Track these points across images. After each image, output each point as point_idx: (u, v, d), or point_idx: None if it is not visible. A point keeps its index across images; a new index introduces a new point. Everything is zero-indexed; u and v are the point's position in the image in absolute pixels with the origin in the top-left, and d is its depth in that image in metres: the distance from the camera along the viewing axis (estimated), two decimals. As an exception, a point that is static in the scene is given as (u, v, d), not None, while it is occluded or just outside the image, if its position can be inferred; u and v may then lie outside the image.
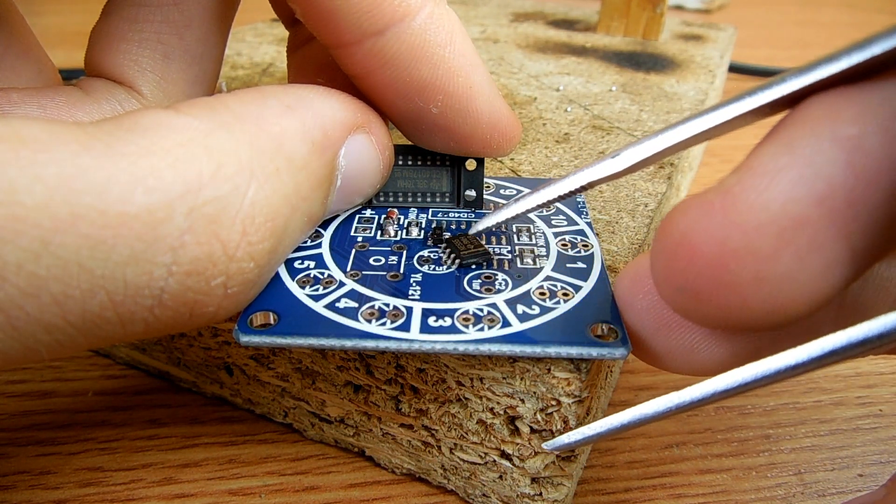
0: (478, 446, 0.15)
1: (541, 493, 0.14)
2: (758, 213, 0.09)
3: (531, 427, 0.14)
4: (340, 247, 0.15)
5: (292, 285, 0.13)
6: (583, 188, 0.12)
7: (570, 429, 0.13)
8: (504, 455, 0.15)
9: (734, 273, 0.09)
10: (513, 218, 0.14)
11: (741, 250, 0.09)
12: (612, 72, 0.31)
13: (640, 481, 0.17)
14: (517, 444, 0.14)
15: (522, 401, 0.13)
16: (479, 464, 0.15)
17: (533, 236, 0.16)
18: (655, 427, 0.18)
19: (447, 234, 0.15)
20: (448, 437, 0.15)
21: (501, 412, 0.14)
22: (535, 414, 0.13)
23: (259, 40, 0.34)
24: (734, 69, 0.46)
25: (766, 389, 0.20)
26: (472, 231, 0.15)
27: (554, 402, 0.13)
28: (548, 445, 0.13)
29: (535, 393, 0.13)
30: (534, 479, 0.14)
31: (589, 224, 0.16)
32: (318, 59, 0.17)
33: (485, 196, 0.17)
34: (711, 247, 0.10)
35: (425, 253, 0.15)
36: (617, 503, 0.16)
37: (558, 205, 0.17)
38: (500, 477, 0.15)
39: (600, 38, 0.37)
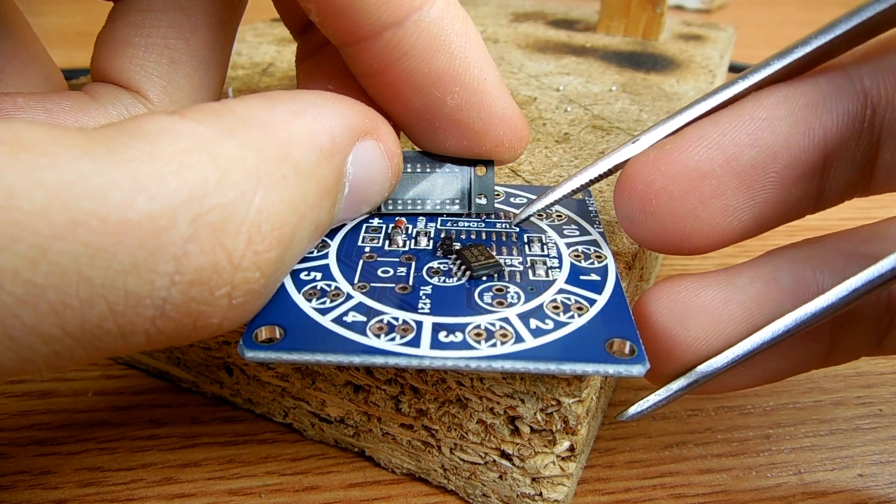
0: (478, 446, 0.15)
1: (541, 493, 0.14)
2: (677, 165, 0.13)
3: (531, 427, 0.14)
4: (348, 257, 0.14)
5: (298, 298, 0.13)
6: (609, 172, 0.15)
7: (571, 429, 0.13)
8: (504, 455, 0.15)
9: (655, 206, 0.13)
10: (554, 202, 0.15)
11: (661, 191, 0.13)
12: (612, 72, 0.31)
13: (640, 481, 0.17)
14: (517, 444, 0.14)
15: (522, 401, 0.13)
16: (480, 464, 0.15)
17: (545, 247, 0.15)
18: (655, 427, 0.18)
19: (457, 245, 0.15)
20: (448, 437, 0.15)
21: (501, 412, 0.14)
22: (535, 414, 0.13)
23: (259, 40, 0.34)
24: (734, 69, 0.46)
25: (767, 389, 0.20)
26: (517, 220, 0.16)
27: (554, 402, 0.13)
28: (626, 416, 0.14)
29: (535, 393, 0.13)
30: (534, 479, 0.14)
31: (602, 234, 0.16)
32: (328, 66, 0.16)
33: (495, 203, 0.17)
34: (643, 186, 0.13)
35: (434, 264, 0.14)
36: (617, 503, 0.16)
37: (570, 214, 0.17)
38: (501, 477, 0.15)
39: (600, 38, 0.37)
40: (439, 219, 0.16)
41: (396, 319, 0.12)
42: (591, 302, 0.13)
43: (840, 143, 0.13)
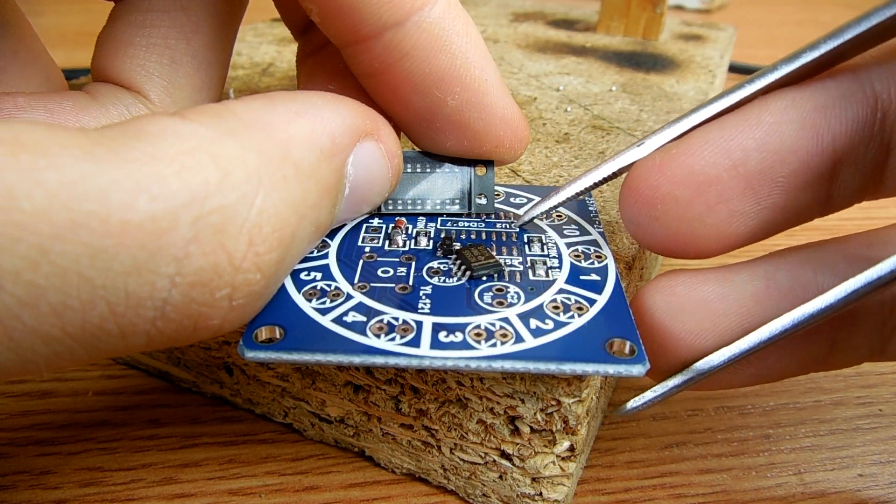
0: (478, 446, 0.15)
1: (541, 493, 0.14)
2: (683, 170, 0.13)
3: (531, 427, 0.14)
4: (348, 257, 0.14)
5: (298, 298, 0.13)
6: (613, 175, 0.15)
7: (571, 429, 0.13)
8: (504, 455, 0.15)
9: (661, 211, 0.13)
10: (558, 204, 0.15)
11: (667, 196, 0.13)
12: (612, 72, 0.31)
13: (640, 481, 0.17)
14: (517, 444, 0.14)
15: (522, 401, 0.13)
16: (480, 464, 0.15)
17: (545, 247, 0.15)
18: (655, 427, 0.18)
19: (457, 245, 0.15)
20: (448, 437, 0.15)
21: (501, 412, 0.14)
22: (535, 414, 0.13)
23: (259, 40, 0.34)
24: (734, 69, 0.46)
25: (767, 389, 0.20)
26: (520, 222, 0.16)
27: (554, 402, 0.13)
28: (622, 411, 0.14)
29: (535, 393, 0.13)
30: (534, 479, 0.14)
31: (602, 234, 0.16)
32: (329, 66, 0.16)
33: (495, 204, 0.17)
34: (648, 191, 0.13)
35: (434, 264, 0.14)
36: (617, 503, 0.16)
37: (570, 214, 0.17)
38: (501, 477, 0.15)
39: (600, 38, 0.37)
40: (439, 219, 0.16)
41: (396, 319, 0.12)
42: (591, 302, 0.13)
43: (849, 147, 0.13)
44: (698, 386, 0.14)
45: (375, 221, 0.16)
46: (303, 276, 0.14)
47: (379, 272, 0.14)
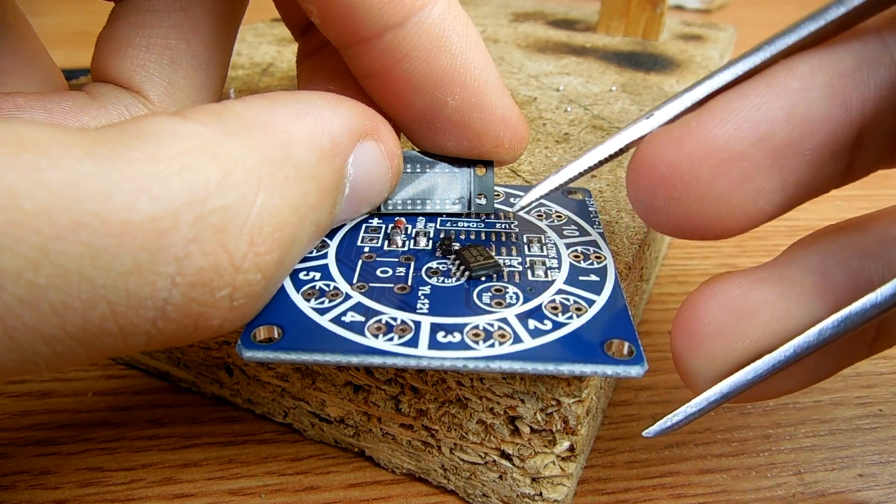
0: (478, 446, 0.15)
1: (541, 493, 0.14)
2: (704, 145, 0.12)
3: (531, 427, 0.14)
4: (347, 257, 0.14)
5: (297, 298, 0.13)
6: (619, 152, 0.14)
7: (571, 429, 0.13)
8: (504, 455, 0.15)
9: (680, 191, 0.12)
10: (557, 188, 0.14)
11: (687, 174, 0.12)
12: (612, 72, 0.31)
13: (640, 481, 0.17)
14: (517, 444, 0.14)
15: (522, 401, 0.13)
16: (479, 464, 0.15)
17: (544, 247, 0.15)
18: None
19: (456, 245, 0.15)
20: (448, 438, 0.15)
21: (501, 412, 0.14)
22: (535, 414, 0.13)
23: (259, 40, 0.34)
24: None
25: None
26: (517, 207, 0.15)
27: (554, 402, 0.13)
28: (650, 432, 0.13)
29: (534, 393, 0.13)
30: (534, 479, 0.14)
31: (601, 234, 0.16)
32: (329, 67, 0.16)
33: (495, 204, 0.17)
34: (665, 169, 0.12)
35: (433, 264, 0.14)
36: (617, 503, 0.16)
37: (570, 214, 0.17)
38: (500, 477, 0.15)
39: (600, 38, 0.37)
40: (439, 219, 0.16)
41: (395, 319, 0.12)
42: (590, 303, 0.13)
43: (876, 115, 0.12)
44: (746, 396, 0.13)
45: (375, 221, 0.16)
46: (302, 275, 0.14)
47: (378, 272, 0.14)
